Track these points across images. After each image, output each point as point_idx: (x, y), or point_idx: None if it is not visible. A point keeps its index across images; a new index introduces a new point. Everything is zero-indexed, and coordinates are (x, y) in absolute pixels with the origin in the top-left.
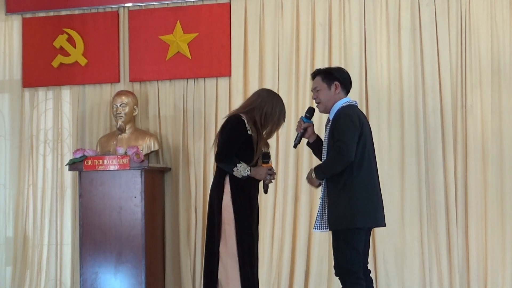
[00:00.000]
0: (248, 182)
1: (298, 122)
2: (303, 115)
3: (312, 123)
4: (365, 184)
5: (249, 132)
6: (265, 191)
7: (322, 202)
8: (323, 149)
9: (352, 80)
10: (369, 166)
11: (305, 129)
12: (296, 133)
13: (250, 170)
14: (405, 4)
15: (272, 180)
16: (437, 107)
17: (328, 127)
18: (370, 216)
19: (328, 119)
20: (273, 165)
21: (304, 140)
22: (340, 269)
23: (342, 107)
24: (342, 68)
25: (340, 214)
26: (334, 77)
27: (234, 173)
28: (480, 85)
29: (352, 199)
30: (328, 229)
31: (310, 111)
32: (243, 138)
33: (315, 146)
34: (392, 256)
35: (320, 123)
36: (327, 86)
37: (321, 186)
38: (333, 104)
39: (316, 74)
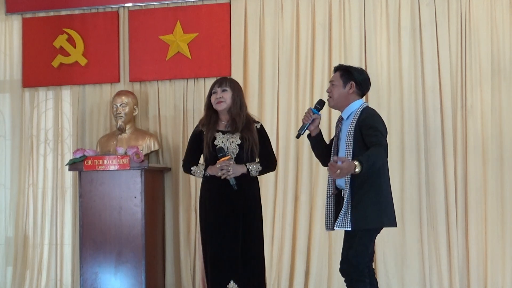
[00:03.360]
0: (215, 182)
1: (306, 112)
2: (313, 106)
3: (320, 115)
4: (388, 184)
5: (200, 128)
6: (233, 187)
7: (347, 201)
8: (339, 146)
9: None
10: (388, 167)
11: (312, 120)
12: (302, 124)
13: (205, 169)
14: (405, 4)
15: (228, 175)
16: (437, 107)
17: (345, 125)
18: (391, 217)
19: (341, 117)
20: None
21: (305, 140)
22: (350, 267)
23: (366, 107)
24: (364, 71)
25: (367, 213)
26: (351, 77)
27: (196, 176)
28: (480, 85)
29: (379, 199)
30: (350, 228)
31: (321, 103)
32: (196, 141)
33: (315, 140)
34: (392, 256)
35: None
36: (343, 83)
37: (344, 184)
38: (348, 104)
39: (337, 68)
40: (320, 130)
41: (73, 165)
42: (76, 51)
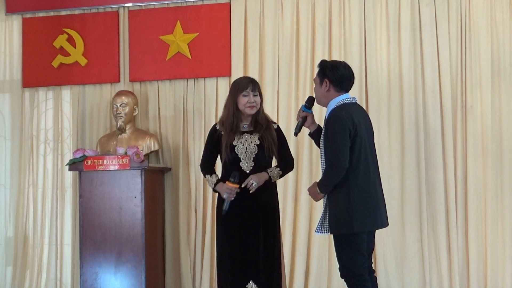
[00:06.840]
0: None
1: (298, 110)
2: (304, 104)
3: (311, 112)
4: (362, 188)
5: (218, 129)
6: (222, 211)
7: (325, 205)
8: (320, 143)
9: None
10: (366, 168)
11: (304, 118)
12: (297, 122)
13: (215, 184)
14: (405, 4)
15: (230, 200)
16: (437, 107)
17: (324, 125)
18: (368, 220)
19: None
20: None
21: (307, 138)
22: (346, 271)
23: (335, 107)
24: (339, 66)
25: (339, 218)
26: (325, 74)
27: (208, 185)
28: (480, 85)
29: (349, 203)
30: (329, 232)
31: (310, 101)
32: (212, 142)
33: (316, 136)
34: (392, 256)
35: (321, 114)
36: (320, 82)
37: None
38: (328, 101)
39: (318, 65)
40: (318, 125)
41: (73, 165)
42: (76, 51)
